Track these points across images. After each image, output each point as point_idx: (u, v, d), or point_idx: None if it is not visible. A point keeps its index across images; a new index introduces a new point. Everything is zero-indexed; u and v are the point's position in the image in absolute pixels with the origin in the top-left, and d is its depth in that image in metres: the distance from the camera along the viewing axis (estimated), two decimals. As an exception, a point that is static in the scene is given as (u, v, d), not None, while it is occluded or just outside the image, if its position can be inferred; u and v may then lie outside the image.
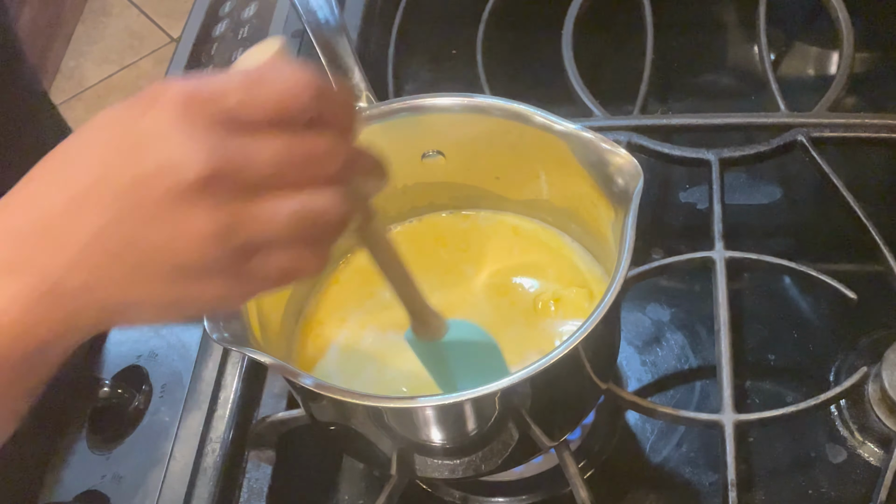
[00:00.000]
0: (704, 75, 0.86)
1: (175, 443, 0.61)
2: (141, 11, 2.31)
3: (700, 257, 0.64)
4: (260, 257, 0.36)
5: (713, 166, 0.69)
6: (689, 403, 0.64)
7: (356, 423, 0.51)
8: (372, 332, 0.58)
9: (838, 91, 0.72)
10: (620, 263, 0.48)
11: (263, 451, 0.61)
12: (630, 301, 0.69)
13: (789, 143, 0.69)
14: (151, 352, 0.65)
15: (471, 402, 0.47)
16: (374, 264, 0.46)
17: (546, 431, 0.53)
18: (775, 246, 0.72)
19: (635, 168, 0.50)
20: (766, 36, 0.77)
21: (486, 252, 0.61)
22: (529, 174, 0.58)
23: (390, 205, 0.62)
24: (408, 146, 0.58)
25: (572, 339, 0.45)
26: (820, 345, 0.66)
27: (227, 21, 0.88)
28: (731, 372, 0.59)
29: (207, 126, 0.34)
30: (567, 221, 0.60)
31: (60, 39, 2.23)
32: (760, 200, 0.75)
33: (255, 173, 0.35)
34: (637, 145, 0.70)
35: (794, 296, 0.69)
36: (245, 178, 0.34)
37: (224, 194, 0.34)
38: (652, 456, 0.62)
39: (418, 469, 0.54)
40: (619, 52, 0.86)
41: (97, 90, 2.18)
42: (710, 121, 0.72)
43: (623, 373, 0.66)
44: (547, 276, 0.60)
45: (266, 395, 0.64)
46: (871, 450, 0.60)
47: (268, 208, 0.35)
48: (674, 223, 0.75)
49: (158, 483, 0.59)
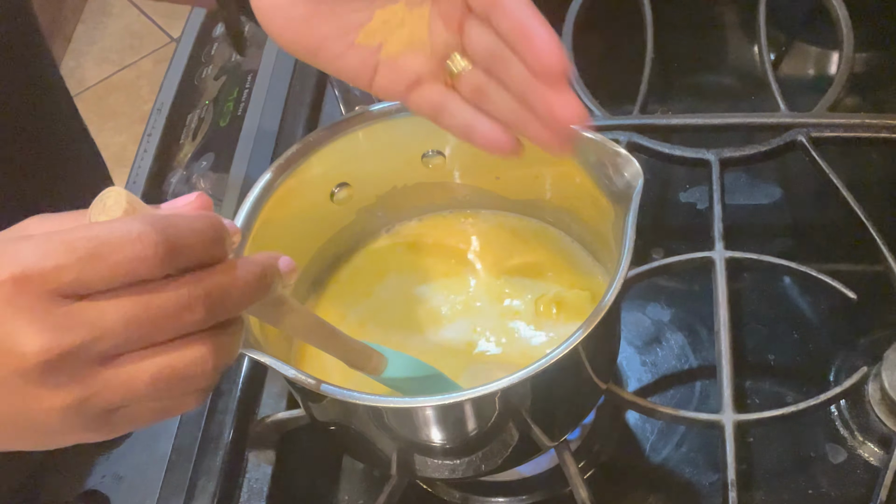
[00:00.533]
0: (704, 75, 0.86)
1: (175, 443, 0.61)
2: (141, 11, 2.31)
3: (700, 257, 0.64)
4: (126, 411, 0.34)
5: (713, 166, 0.69)
6: (689, 403, 0.64)
7: (356, 423, 0.51)
8: (371, 331, 0.58)
9: (838, 91, 0.72)
10: (620, 263, 0.48)
11: (263, 451, 0.61)
12: (630, 301, 0.69)
13: (789, 143, 0.69)
14: (151, 352, 0.65)
15: (471, 402, 0.47)
16: (287, 332, 0.44)
17: (546, 431, 0.53)
18: (775, 246, 0.72)
19: (635, 168, 0.50)
20: (766, 36, 0.77)
21: (487, 253, 0.61)
22: (529, 174, 0.58)
23: (390, 205, 0.62)
24: (408, 146, 0.58)
25: (572, 340, 0.45)
26: (820, 345, 0.66)
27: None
28: (731, 372, 0.59)
29: (45, 303, 0.31)
30: (567, 221, 0.60)
31: (60, 39, 2.23)
32: (760, 200, 0.75)
33: (104, 344, 0.32)
34: (637, 145, 0.70)
35: (794, 296, 0.69)
36: (93, 351, 0.32)
37: (74, 369, 0.32)
38: (652, 456, 0.62)
39: (418, 469, 0.54)
40: (619, 52, 0.86)
41: (97, 90, 2.18)
42: (710, 121, 0.72)
43: (623, 373, 0.66)
44: (547, 277, 0.60)
45: (266, 395, 0.64)
46: (871, 450, 0.60)
47: (125, 373, 0.33)
48: (674, 223, 0.75)
49: (158, 483, 0.59)
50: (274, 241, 0.54)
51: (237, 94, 0.81)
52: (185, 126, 0.82)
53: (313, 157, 0.56)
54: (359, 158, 0.58)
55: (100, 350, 0.32)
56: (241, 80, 0.82)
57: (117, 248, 0.31)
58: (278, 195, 0.54)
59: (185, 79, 0.85)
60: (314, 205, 0.58)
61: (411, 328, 0.58)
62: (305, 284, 0.60)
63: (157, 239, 0.32)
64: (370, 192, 0.60)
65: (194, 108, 0.83)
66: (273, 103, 0.79)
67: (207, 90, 0.83)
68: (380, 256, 0.62)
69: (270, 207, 0.54)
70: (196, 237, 0.33)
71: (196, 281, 0.33)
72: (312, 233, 0.59)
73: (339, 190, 0.59)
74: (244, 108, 0.79)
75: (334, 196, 0.59)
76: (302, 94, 0.80)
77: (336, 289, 0.61)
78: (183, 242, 0.33)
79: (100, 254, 0.31)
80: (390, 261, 0.62)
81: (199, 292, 0.33)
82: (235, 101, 0.80)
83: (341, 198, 0.59)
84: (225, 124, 0.79)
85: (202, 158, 0.78)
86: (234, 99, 0.81)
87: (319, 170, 0.56)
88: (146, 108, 1.18)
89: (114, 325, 0.32)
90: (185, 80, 0.85)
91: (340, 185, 0.58)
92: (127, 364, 0.33)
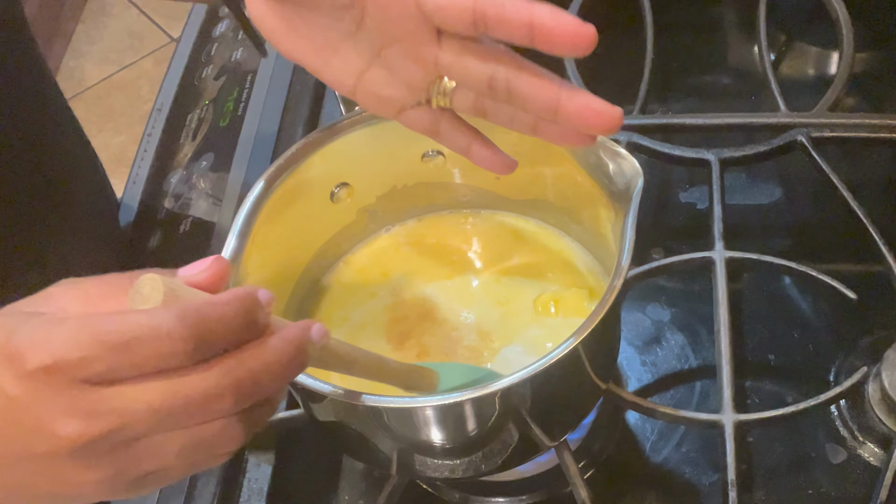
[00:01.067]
0: (704, 75, 0.86)
1: (175, 443, 0.61)
2: (141, 11, 2.31)
3: (700, 257, 0.64)
4: (156, 476, 0.35)
5: (713, 166, 0.69)
6: (689, 403, 0.64)
7: (356, 423, 0.51)
8: (373, 333, 0.58)
9: (838, 91, 0.72)
10: (620, 264, 0.48)
11: (263, 452, 0.61)
12: (630, 301, 0.69)
13: (789, 143, 0.69)
14: (151, 352, 0.65)
15: (471, 402, 0.47)
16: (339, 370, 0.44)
17: (546, 431, 0.53)
18: (775, 246, 0.72)
19: (635, 168, 0.50)
20: (766, 36, 0.77)
21: (486, 252, 0.62)
22: (529, 174, 0.58)
23: (390, 205, 0.62)
24: (408, 146, 0.58)
25: (572, 339, 0.45)
26: (820, 345, 0.66)
27: (227, 21, 0.88)
28: (731, 372, 0.59)
29: (75, 391, 0.32)
30: (567, 221, 0.60)
31: (60, 39, 2.23)
32: (760, 200, 0.75)
33: (133, 431, 0.33)
34: (637, 145, 0.70)
35: (794, 296, 0.69)
36: (123, 435, 0.33)
37: (105, 449, 0.33)
38: (652, 456, 0.62)
39: (418, 469, 0.54)
40: (619, 52, 0.86)
41: (97, 90, 2.18)
42: (710, 121, 0.72)
43: (623, 373, 0.66)
44: (547, 276, 0.60)
45: (266, 395, 0.64)
46: (871, 450, 0.60)
47: (155, 445, 0.34)
48: (674, 223, 0.75)
49: (158, 483, 0.59)
50: (274, 241, 0.54)
51: (237, 94, 0.81)
52: (185, 126, 0.82)
53: (313, 157, 0.56)
54: (359, 158, 0.58)
55: (129, 435, 0.33)
56: (241, 81, 0.82)
57: (146, 343, 0.32)
58: (278, 195, 0.54)
59: (185, 79, 0.85)
60: (314, 205, 0.58)
61: (412, 328, 0.58)
62: (305, 285, 0.60)
63: (186, 334, 0.32)
64: (370, 192, 0.60)
65: (194, 108, 0.83)
66: (273, 103, 0.79)
67: (207, 90, 0.83)
68: (380, 256, 0.62)
69: (270, 207, 0.54)
70: (227, 328, 0.34)
71: (226, 372, 0.34)
72: (312, 233, 0.59)
73: (339, 190, 0.59)
74: (244, 109, 0.79)
75: (334, 196, 0.59)
76: (302, 94, 0.80)
77: (337, 289, 0.61)
78: (213, 336, 0.33)
79: (129, 348, 0.32)
80: (390, 261, 0.62)
81: (227, 382, 0.34)
82: (235, 101, 0.80)
83: (341, 198, 0.59)
84: (225, 124, 0.79)
85: (202, 158, 0.78)
86: (234, 99, 0.81)
87: (319, 170, 0.56)
88: (146, 108, 1.18)
89: (142, 412, 0.33)
90: (185, 80, 0.85)
91: (340, 185, 0.58)
92: (157, 438, 0.34)
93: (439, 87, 0.47)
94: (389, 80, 0.47)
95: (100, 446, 0.33)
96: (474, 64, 0.44)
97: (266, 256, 0.53)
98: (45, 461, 0.33)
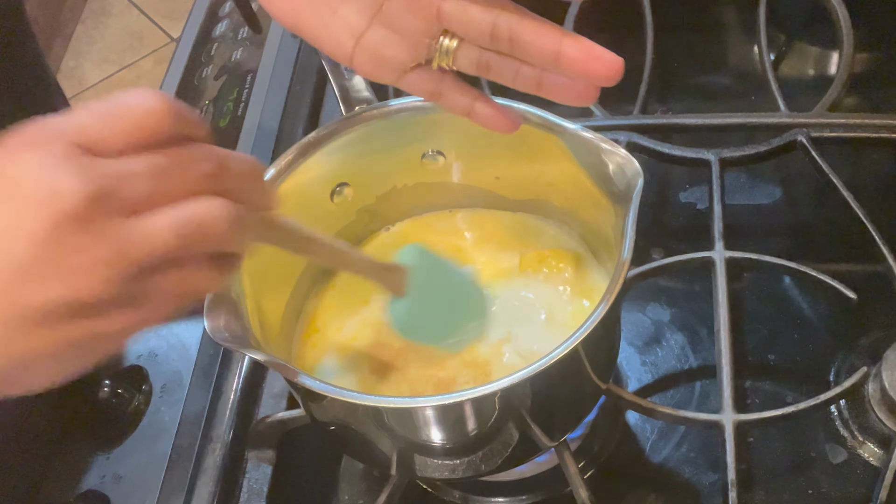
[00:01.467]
0: (704, 75, 0.86)
1: (175, 443, 0.61)
2: (141, 11, 2.31)
3: (700, 257, 0.64)
4: (154, 280, 0.36)
5: (713, 166, 0.69)
6: (689, 403, 0.64)
7: (356, 423, 0.51)
8: (373, 333, 0.58)
9: (838, 91, 0.72)
10: (620, 263, 0.48)
11: (263, 451, 0.61)
12: (630, 301, 0.69)
13: (789, 143, 0.69)
14: (151, 352, 0.65)
15: (471, 402, 0.47)
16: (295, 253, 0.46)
17: (546, 431, 0.53)
18: (775, 246, 0.72)
19: (635, 168, 0.50)
20: (766, 36, 0.77)
21: (486, 252, 0.61)
22: (529, 174, 0.58)
23: (390, 205, 0.62)
24: (408, 146, 0.58)
25: (572, 340, 0.45)
26: (820, 345, 0.66)
27: (227, 21, 0.88)
28: (731, 372, 0.59)
29: (73, 157, 0.34)
30: (567, 221, 0.60)
31: (60, 39, 2.23)
32: (760, 200, 0.75)
33: (132, 191, 0.35)
34: (637, 145, 0.70)
35: (794, 296, 0.69)
36: (123, 198, 0.35)
37: (106, 219, 0.34)
38: (652, 456, 0.62)
39: (418, 469, 0.54)
40: (619, 52, 0.86)
41: (97, 90, 2.18)
42: (710, 121, 0.72)
43: (623, 373, 0.66)
44: (547, 276, 0.60)
45: (266, 395, 0.64)
46: (871, 450, 0.60)
47: (151, 222, 0.35)
48: (674, 223, 0.75)
49: (158, 483, 0.59)
50: (274, 241, 0.54)
51: (237, 94, 0.81)
52: (185, 126, 0.82)
53: (313, 157, 0.56)
54: (359, 158, 0.58)
55: (129, 198, 0.35)
56: (241, 80, 0.82)
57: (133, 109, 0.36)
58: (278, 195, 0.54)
59: (185, 79, 0.85)
60: (314, 205, 0.58)
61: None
62: (306, 284, 0.60)
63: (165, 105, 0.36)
64: (370, 192, 0.60)
65: (194, 108, 0.83)
66: (273, 103, 0.79)
67: (207, 90, 0.83)
68: (380, 256, 0.62)
69: (270, 207, 0.53)
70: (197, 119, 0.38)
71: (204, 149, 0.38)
72: (312, 233, 0.59)
73: (339, 190, 0.59)
74: (244, 108, 0.79)
75: (334, 196, 0.59)
76: (302, 94, 0.80)
77: (338, 289, 0.61)
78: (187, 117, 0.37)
79: (118, 113, 0.35)
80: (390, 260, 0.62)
81: (208, 149, 0.37)
82: (235, 101, 0.80)
83: (341, 198, 0.59)
84: (225, 124, 0.79)
85: (202, 158, 0.77)
86: (234, 99, 0.81)
87: (319, 170, 0.56)
88: (146, 108, 1.18)
89: (138, 171, 0.35)
90: (185, 80, 0.85)
91: (340, 185, 0.58)
92: (149, 217, 0.35)
93: (441, 45, 0.46)
94: (390, 38, 0.47)
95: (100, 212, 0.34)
96: (477, 12, 0.44)
97: (266, 256, 0.53)
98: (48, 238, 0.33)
